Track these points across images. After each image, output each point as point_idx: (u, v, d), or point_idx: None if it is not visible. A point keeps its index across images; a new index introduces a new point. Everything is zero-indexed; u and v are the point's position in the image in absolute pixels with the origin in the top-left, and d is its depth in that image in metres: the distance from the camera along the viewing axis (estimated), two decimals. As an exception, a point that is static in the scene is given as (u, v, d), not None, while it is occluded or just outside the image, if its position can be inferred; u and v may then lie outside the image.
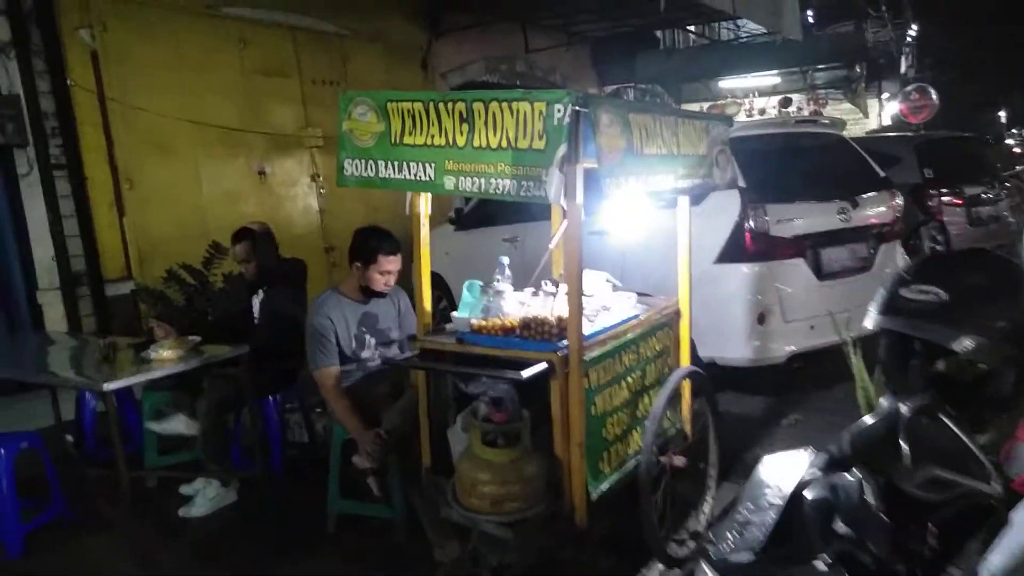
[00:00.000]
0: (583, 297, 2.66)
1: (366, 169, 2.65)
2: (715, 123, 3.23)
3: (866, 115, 15.26)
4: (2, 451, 3.45)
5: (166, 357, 3.63)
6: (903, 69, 16.20)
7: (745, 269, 4.65)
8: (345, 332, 3.47)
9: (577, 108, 2.26)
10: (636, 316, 3.10)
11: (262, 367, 4.07)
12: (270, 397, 4.21)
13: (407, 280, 3.73)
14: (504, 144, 2.35)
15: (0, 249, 5.84)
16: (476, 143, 2.40)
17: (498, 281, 2.88)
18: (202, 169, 6.95)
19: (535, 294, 2.73)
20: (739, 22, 14.93)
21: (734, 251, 4.64)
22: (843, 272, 4.99)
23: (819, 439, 4.82)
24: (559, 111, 2.25)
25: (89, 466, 4.33)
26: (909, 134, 8.39)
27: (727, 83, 14.77)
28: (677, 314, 3.46)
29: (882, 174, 5.54)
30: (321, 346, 3.39)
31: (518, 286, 3.03)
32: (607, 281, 3.42)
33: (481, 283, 2.97)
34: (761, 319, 4.66)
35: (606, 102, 2.41)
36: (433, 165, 2.50)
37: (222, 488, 3.93)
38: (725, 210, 4.61)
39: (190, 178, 6.84)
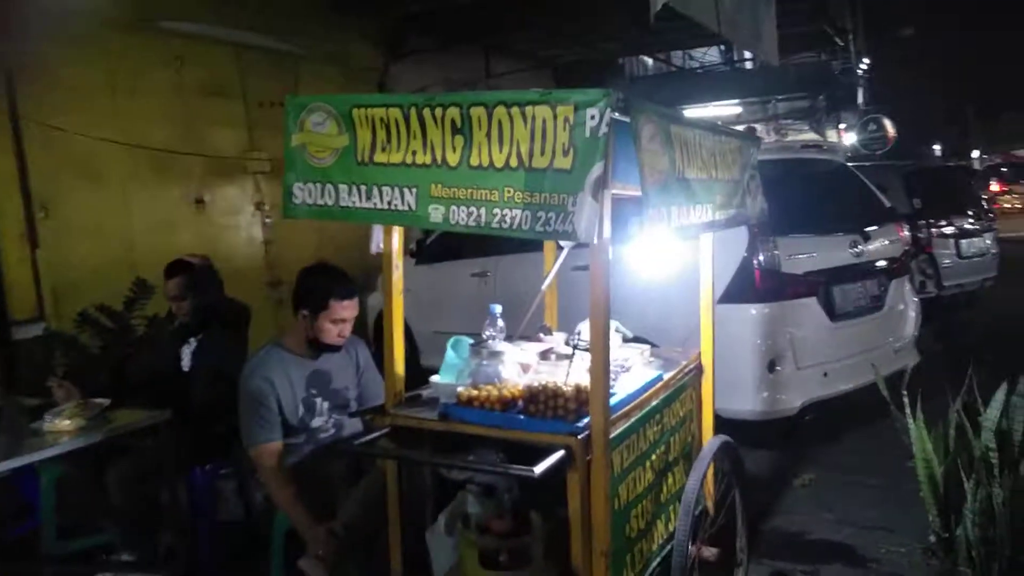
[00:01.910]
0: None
1: (323, 195, 2.01)
2: (746, 143, 2.69)
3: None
4: None
5: (63, 428, 2.90)
6: (859, 100, 16.24)
7: (753, 311, 4.12)
8: (289, 396, 2.79)
9: (616, 115, 1.68)
10: (660, 377, 2.50)
11: (192, 430, 3.36)
12: (198, 468, 3.46)
13: (360, 324, 3.09)
14: (514, 163, 1.74)
15: None
16: (474, 161, 1.79)
17: (492, 337, 2.26)
18: (131, 196, 6.18)
19: (544, 357, 2.09)
20: (699, 52, 14.80)
21: (741, 290, 4.10)
22: (856, 312, 4.51)
23: (836, 502, 4.35)
24: (593, 118, 1.65)
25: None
26: (897, 163, 8.08)
27: (690, 112, 14.50)
28: (699, 370, 2.88)
29: (888, 204, 5.11)
30: (259, 416, 2.70)
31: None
32: (616, 331, 2.83)
33: (471, 340, 2.34)
34: (771, 367, 4.13)
35: (649, 109, 1.82)
36: (415, 191, 1.88)
37: None
38: (730, 244, 4.07)
39: (117, 206, 6.07)
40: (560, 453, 1.89)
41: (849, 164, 5.29)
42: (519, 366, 2.19)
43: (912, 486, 4.09)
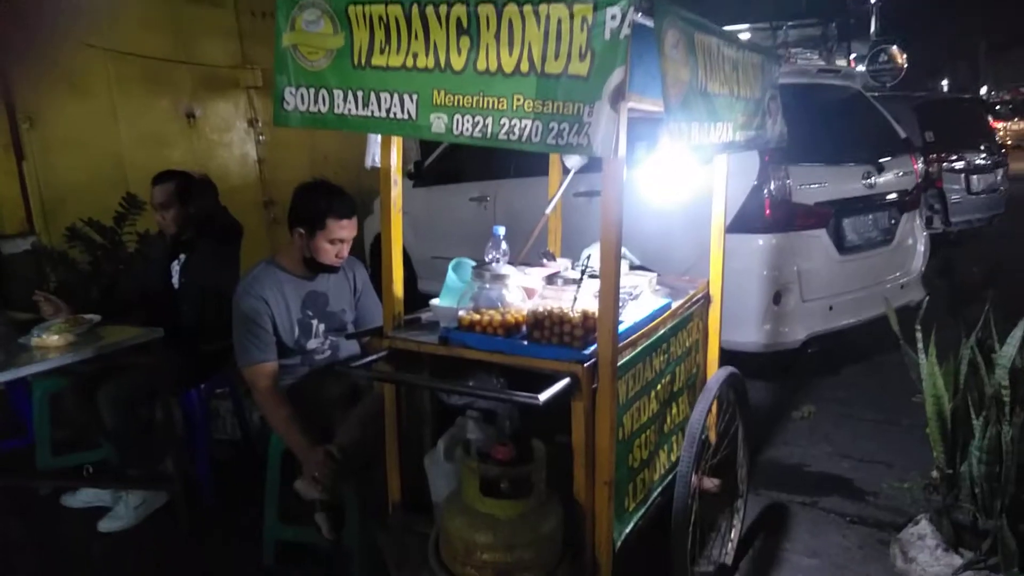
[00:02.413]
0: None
1: (316, 101, 1.86)
2: (768, 59, 2.52)
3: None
4: None
5: (51, 344, 2.81)
6: (872, 29, 15.73)
7: (761, 241, 4.01)
8: (285, 316, 2.70)
9: (638, 17, 1.52)
10: (668, 306, 2.40)
11: (185, 350, 3.28)
12: (192, 388, 3.40)
13: (357, 248, 2.97)
14: (525, 67, 1.59)
15: None
16: (481, 66, 1.64)
17: (495, 260, 2.14)
18: (119, 108, 5.97)
19: (550, 282, 1.98)
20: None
21: (749, 219, 3.98)
22: (865, 245, 4.40)
23: (835, 435, 4.34)
24: (614, 19, 1.49)
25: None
26: (909, 94, 7.84)
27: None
28: (707, 300, 2.79)
29: (903, 135, 4.93)
30: (253, 336, 2.61)
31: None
32: (623, 257, 2.72)
33: (474, 262, 2.23)
34: (777, 299, 4.04)
35: (674, 12, 1.66)
36: (416, 97, 1.73)
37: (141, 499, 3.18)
38: (740, 171, 3.92)
39: (105, 118, 5.87)
40: (565, 381, 1.81)
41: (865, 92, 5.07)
42: (523, 291, 2.08)
43: (911, 421, 4.09)
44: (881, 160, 4.50)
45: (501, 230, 2.29)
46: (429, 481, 2.10)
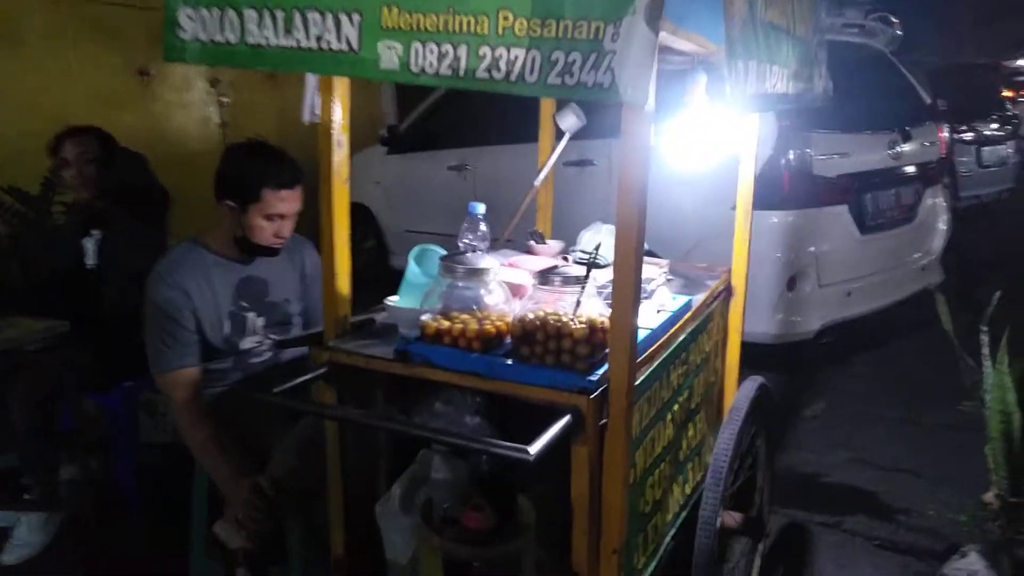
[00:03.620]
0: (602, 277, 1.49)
1: (222, 28, 1.32)
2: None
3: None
4: None
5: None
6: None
7: (776, 218, 3.53)
8: (211, 309, 2.17)
9: None
10: (688, 305, 1.92)
11: (106, 341, 2.77)
12: (116, 384, 2.87)
13: (309, 225, 2.44)
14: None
15: None
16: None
17: (472, 247, 1.64)
18: (59, 61, 5.32)
19: (545, 280, 1.47)
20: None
21: (764, 194, 3.43)
22: (887, 224, 3.95)
23: (853, 437, 3.89)
24: None
25: None
26: (921, 59, 7.34)
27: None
28: (728, 293, 2.31)
29: (929, 100, 4.45)
30: (168, 335, 2.09)
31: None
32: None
33: (442, 250, 1.72)
34: (791, 284, 3.58)
35: None
36: (356, 19, 1.21)
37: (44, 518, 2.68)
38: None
39: (41, 73, 5.22)
40: (564, 421, 1.32)
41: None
42: (507, 288, 1.58)
43: (935, 419, 3.67)
44: (908, 128, 4.02)
45: (480, 208, 1.79)
46: (382, 535, 1.61)
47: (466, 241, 1.79)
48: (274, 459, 2.00)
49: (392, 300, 1.73)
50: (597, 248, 1.50)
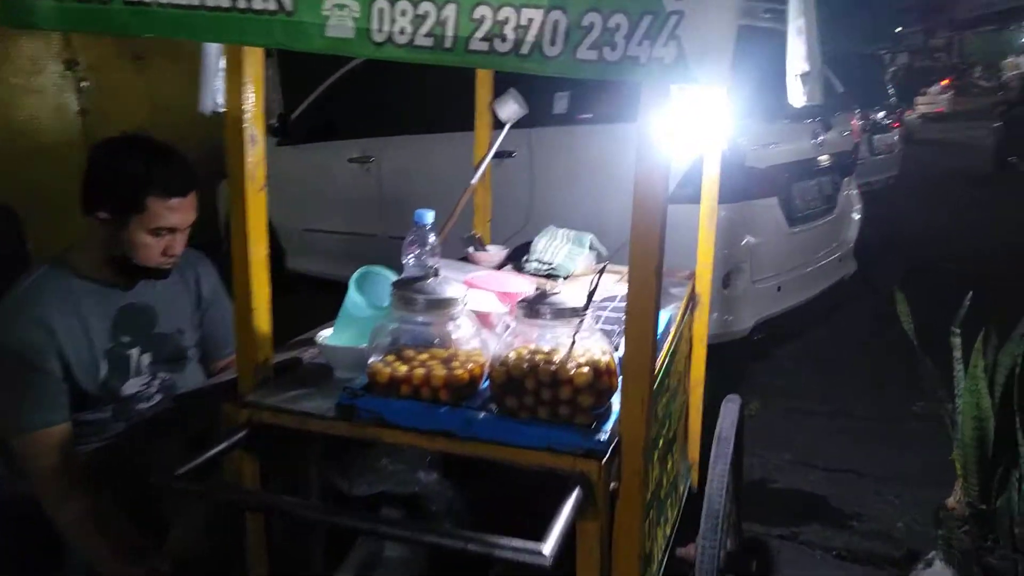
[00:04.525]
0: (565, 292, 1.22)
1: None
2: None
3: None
4: None
5: None
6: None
7: (710, 213, 3.35)
8: (83, 348, 1.73)
9: None
10: (669, 324, 1.67)
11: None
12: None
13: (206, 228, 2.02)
14: None
15: None
16: None
17: (428, 266, 1.31)
18: None
19: (530, 313, 1.16)
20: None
21: (698, 187, 3.31)
22: (812, 215, 3.87)
23: (791, 437, 3.78)
24: None
25: None
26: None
27: None
28: (693, 303, 2.08)
29: (841, 88, 4.43)
30: (26, 387, 1.64)
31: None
32: (590, 248, 1.97)
33: (390, 273, 1.37)
34: (726, 281, 3.43)
35: None
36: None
37: None
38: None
39: None
40: (573, 496, 1.03)
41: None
42: (475, 319, 1.27)
43: (863, 412, 3.65)
44: (829, 116, 3.96)
45: (429, 216, 1.47)
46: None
47: (412, 255, 1.47)
48: (175, 536, 1.60)
49: (325, 336, 1.38)
50: (601, 271, 1.21)
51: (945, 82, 19.30)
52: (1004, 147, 9.74)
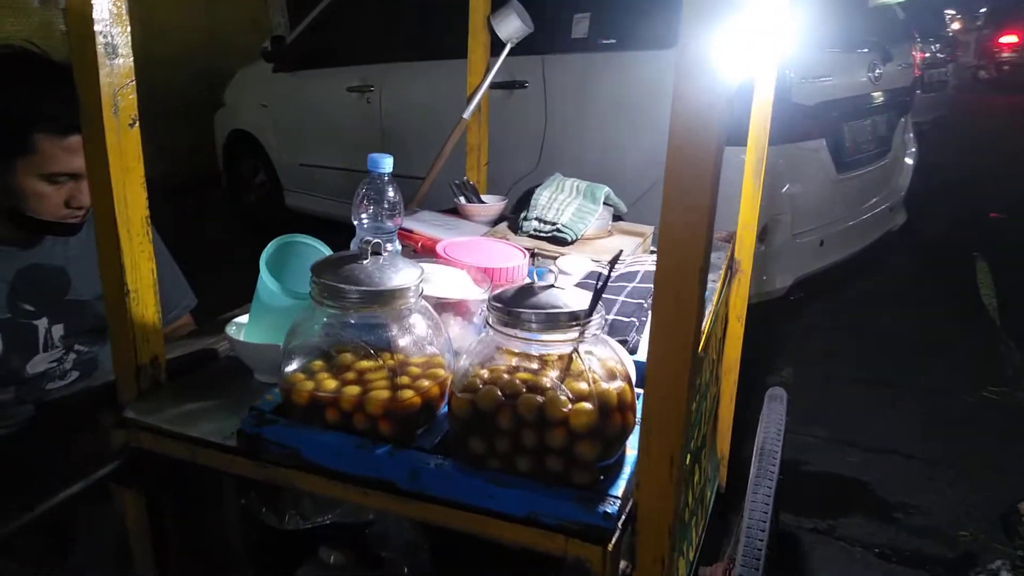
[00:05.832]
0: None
1: None
2: None
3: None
4: None
5: None
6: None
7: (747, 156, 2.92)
8: (-25, 318, 1.41)
9: None
10: (709, 297, 1.30)
11: None
12: None
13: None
14: None
15: None
16: None
17: (376, 230, 0.94)
18: None
19: (510, 322, 0.80)
20: None
21: (733, 126, 2.88)
22: (863, 160, 3.42)
23: (827, 409, 3.36)
24: None
25: None
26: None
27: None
28: (732, 272, 1.70)
29: (902, 15, 3.91)
30: None
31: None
32: (606, 203, 1.58)
33: (319, 245, 1.00)
34: (763, 235, 3.02)
35: None
36: None
37: None
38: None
39: None
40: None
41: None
42: (435, 314, 0.91)
43: (907, 379, 3.28)
44: (889, 47, 3.47)
45: (386, 163, 1.09)
46: None
47: (364, 216, 1.09)
48: (79, 554, 1.29)
49: (240, 323, 1.02)
50: (616, 257, 0.83)
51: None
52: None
